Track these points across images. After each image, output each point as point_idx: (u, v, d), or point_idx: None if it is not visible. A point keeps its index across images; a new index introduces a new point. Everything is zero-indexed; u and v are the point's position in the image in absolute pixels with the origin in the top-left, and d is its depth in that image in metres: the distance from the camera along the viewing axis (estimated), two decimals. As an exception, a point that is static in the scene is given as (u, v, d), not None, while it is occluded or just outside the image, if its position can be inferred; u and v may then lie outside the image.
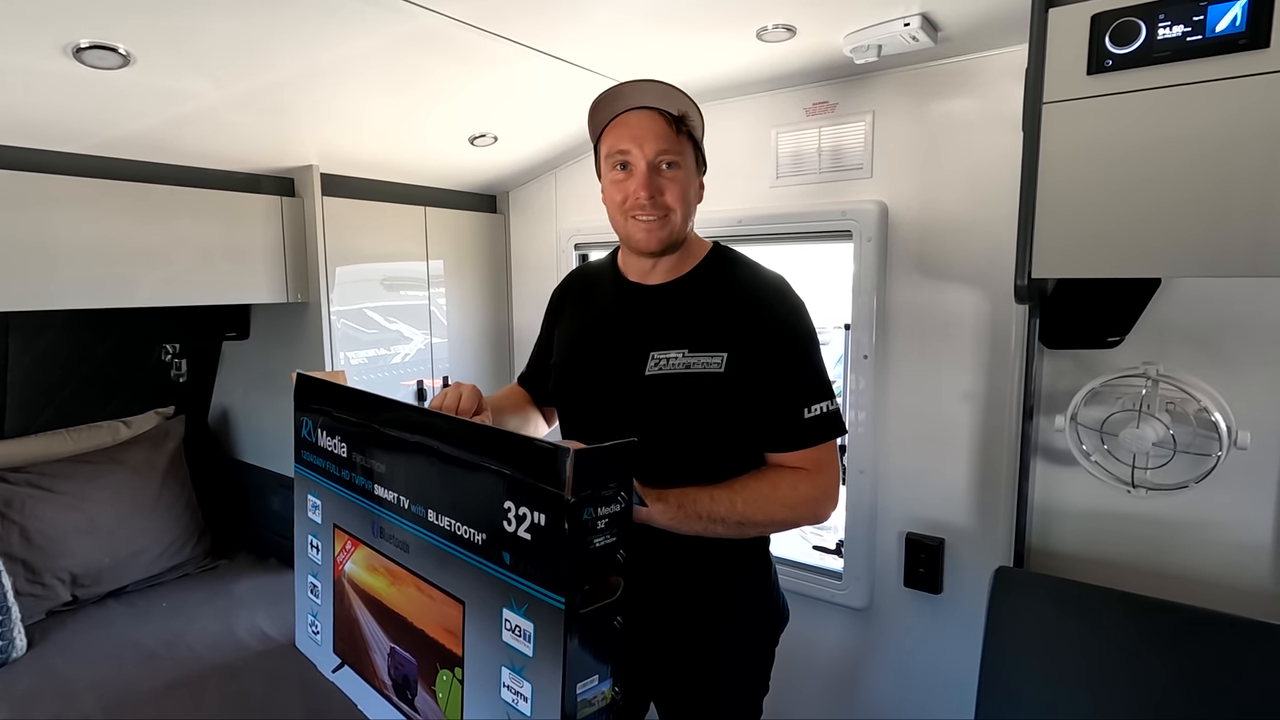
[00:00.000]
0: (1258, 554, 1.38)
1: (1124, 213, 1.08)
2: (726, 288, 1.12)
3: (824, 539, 2.09)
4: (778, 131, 1.90)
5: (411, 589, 1.01)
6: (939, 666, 1.80)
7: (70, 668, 1.64)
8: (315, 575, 1.26)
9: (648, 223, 1.08)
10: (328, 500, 1.21)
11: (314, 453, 1.22)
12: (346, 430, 1.13)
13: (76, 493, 1.99)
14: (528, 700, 0.82)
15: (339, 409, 1.16)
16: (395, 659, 1.06)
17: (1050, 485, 1.57)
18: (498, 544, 0.85)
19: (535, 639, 0.81)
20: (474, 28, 1.35)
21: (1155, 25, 1.03)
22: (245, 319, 2.27)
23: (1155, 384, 1.39)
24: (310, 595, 1.28)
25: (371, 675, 1.12)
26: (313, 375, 1.24)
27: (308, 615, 1.29)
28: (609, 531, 0.79)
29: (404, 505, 1.01)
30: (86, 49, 1.20)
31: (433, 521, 0.95)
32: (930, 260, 1.73)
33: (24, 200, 1.51)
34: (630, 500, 0.82)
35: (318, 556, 1.24)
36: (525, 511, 0.81)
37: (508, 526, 0.83)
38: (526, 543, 0.81)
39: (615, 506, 0.80)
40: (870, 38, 1.46)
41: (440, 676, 0.96)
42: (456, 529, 0.91)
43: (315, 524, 1.24)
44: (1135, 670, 1.33)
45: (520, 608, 0.82)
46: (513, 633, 0.83)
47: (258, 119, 1.64)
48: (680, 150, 1.08)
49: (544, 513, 0.79)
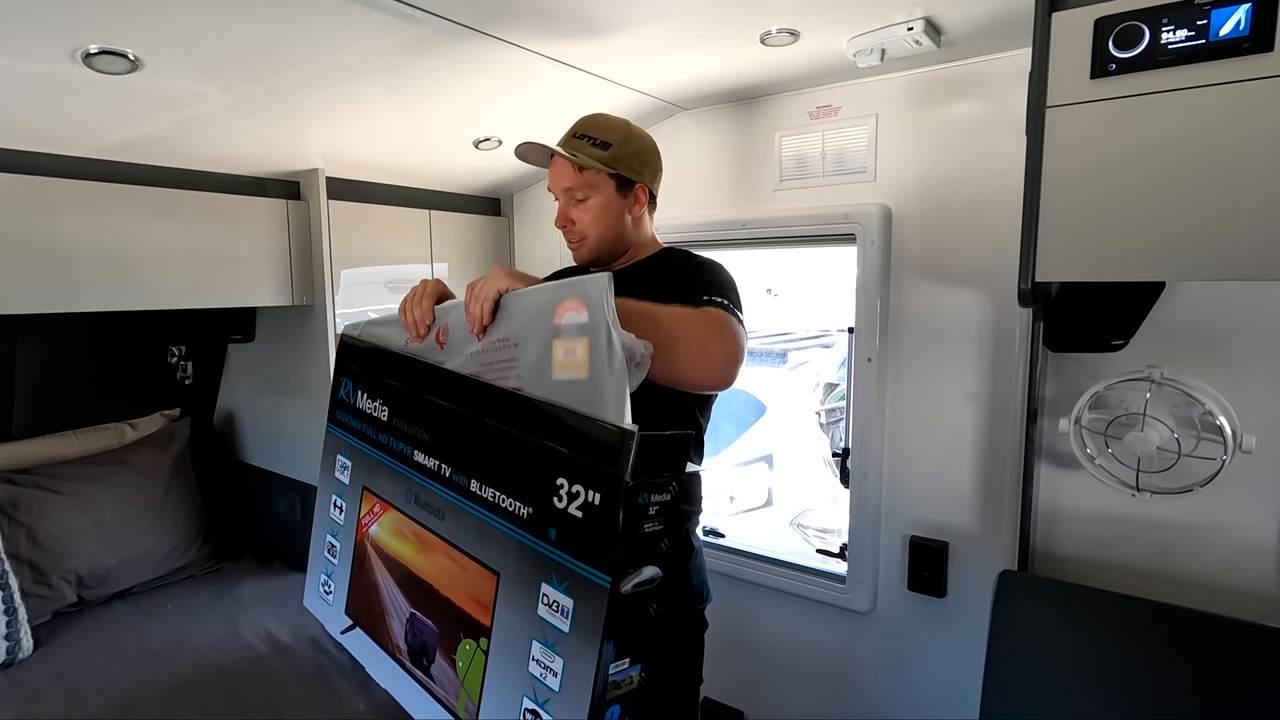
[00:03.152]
0: (1263, 558, 1.38)
1: (1128, 216, 1.08)
2: (662, 264, 1.33)
3: (827, 542, 2.09)
4: (781, 135, 1.91)
5: (442, 557, 1.02)
6: (943, 670, 1.80)
7: (76, 669, 1.65)
8: (335, 535, 1.26)
9: (572, 245, 1.31)
10: (359, 462, 1.21)
11: (351, 414, 1.23)
12: (390, 394, 1.14)
13: (83, 494, 2.00)
14: (557, 676, 0.82)
15: (385, 372, 1.17)
16: (415, 625, 1.06)
17: (1055, 489, 1.57)
18: (545, 519, 0.85)
19: (573, 616, 0.81)
20: (479, 32, 1.36)
21: (1159, 29, 1.03)
22: (251, 322, 2.28)
23: (1160, 387, 1.38)
24: (326, 555, 1.28)
25: (385, 640, 1.12)
26: (358, 338, 1.25)
27: (320, 575, 1.30)
28: (658, 518, 0.80)
29: (445, 474, 1.02)
30: (96, 54, 1.21)
31: (475, 492, 0.96)
32: (934, 263, 1.73)
33: (32, 203, 1.52)
34: (678, 492, 0.83)
35: (340, 517, 1.26)
36: (579, 489, 0.81)
37: (558, 503, 0.83)
38: (577, 520, 0.81)
39: (666, 495, 0.81)
40: (873, 41, 1.46)
41: (463, 645, 0.96)
42: (501, 501, 0.92)
43: (342, 484, 1.25)
44: (1140, 675, 1.33)
45: (562, 584, 0.83)
46: (550, 608, 0.84)
47: (264, 123, 1.65)
48: (589, 184, 1.25)
49: (600, 492, 0.79)
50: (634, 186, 1.29)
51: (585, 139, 1.26)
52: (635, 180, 1.28)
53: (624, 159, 1.26)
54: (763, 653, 2.08)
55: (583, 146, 1.25)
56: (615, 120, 1.29)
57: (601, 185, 1.26)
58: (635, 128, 1.31)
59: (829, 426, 3.14)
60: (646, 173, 1.30)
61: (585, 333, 0.87)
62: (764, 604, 2.06)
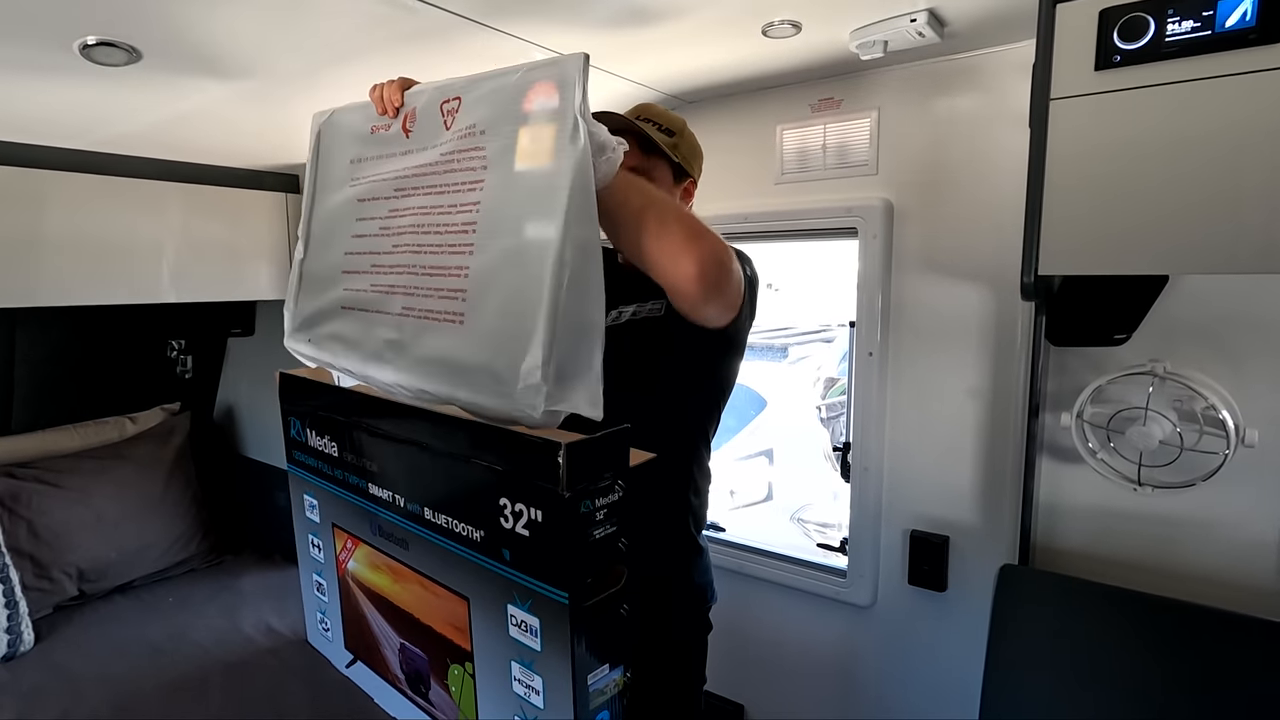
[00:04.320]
0: (1265, 552, 1.37)
1: (1132, 209, 1.08)
2: None
3: (828, 536, 2.09)
4: (783, 128, 1.90)
5: (415, 586, 1.00)
6: (943, 664, 1.80)
7: (77, 662, 1.65)
8: (320, 574, 1.25)
9: None
10: (324, 500, 1.19)
11: (305, 452, 1.20)
12: (335, 429, 1.11)
13: (83, 488, 2.00)
14: (539, 693, 0.82)
15: (325, 408, 1.14)
16: (406, 654, 1.05)
17: (1056, 483, 1.57)
18: (497, 541, 0.83)
19: (542, 634, 0.80)
20: (478, 23, 1.35)
21: (1164, 20, 1.02)
22: (250, 315, 2.28)
23: (1162, 381, 1.38)
24: (317, 593, 1.28)
25: (384, 670, 1.12)
26: (296, 374, 1.21)
27: (316, 613, 1.30)
28: (609, 521, 0.78)
29: (400, 504, 0.99)
30: (94, 46, 1.20)
31: (430, 519, 0.94)
32: (936, 257, 1.73)
33: (30, 197, 1.52)
34: (627, 489, 0.80)
35: (320, 555, 1.23)
36: (521, 508, 0.79)
37: (505, 523, 0.81)
38: (525, 539, 0.79)
39: (613, 495, 0.79)
40: (876, 34, 1.45)
41: (451, 671, 0.96)
42: (454, 526, 0.89)
43: (314, 523, 1.23)
44: (1140, 669, 1.33)
45: (524, 603, 0.81)
46: (519, 628, 0.83)
47: (262, 116, 1.64)
48: (651, 167, 1.22)
49: (540, 509, 0.77)
50: (686, 179, 1.29)
51: (651, 123, 1.23)
52: (688, 174, 1.29)
53: (683, 149, 1.27)
54: (763, 647, 2.08)
55: (650, 130, 1.22)
56: (673, 112, 1.30)
57: (662, 171, 1.25)
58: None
59: (830, 421, 3.14)
60: (696, 168, 1.31)
61: (554, 119, 0.80)
62: (765, 598, 2.07)
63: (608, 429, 0.77)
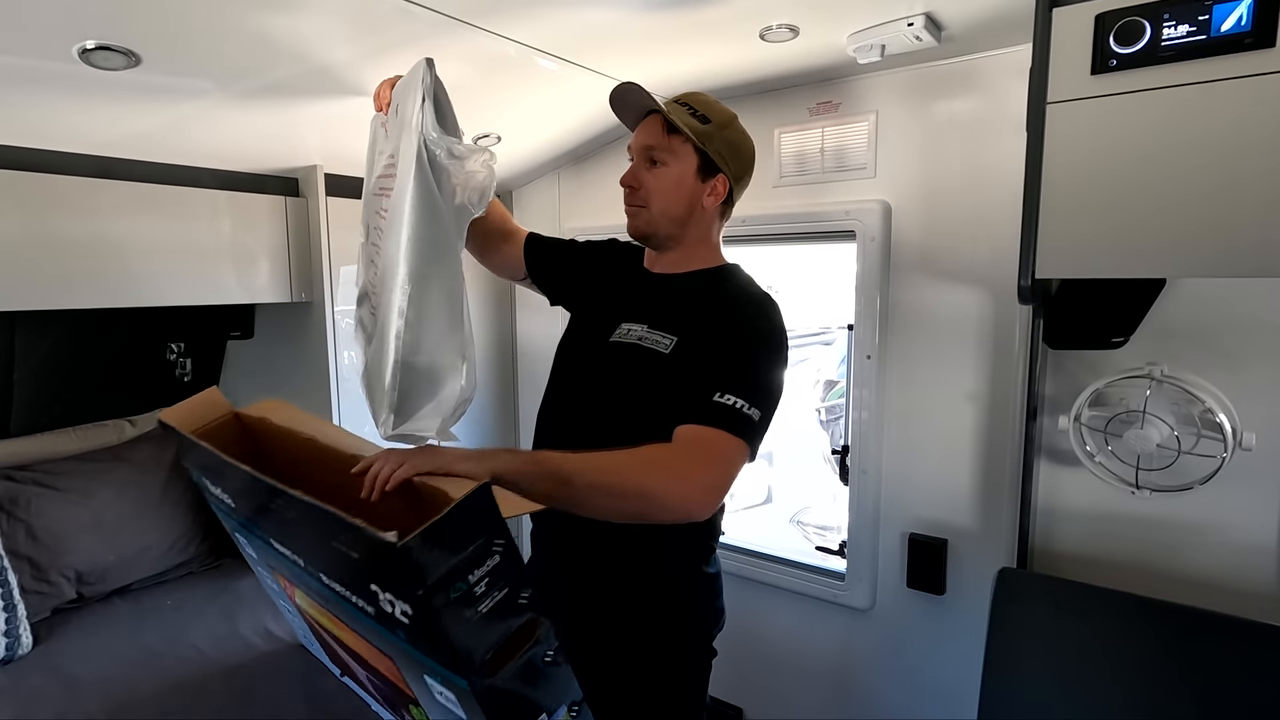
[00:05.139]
0: (1262, 556, 1.37)
1: (1129, 212, 1.08)
2: (711, 290, 1.20)
3: (827, 539, 2.09)
4: (781, 132, 1.90)
5: (352, 633, 0.93)
6: (941, 667, 1.80)
7: (76, 665, 1.65)
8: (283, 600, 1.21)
9: (630, 209, 1.21)
10: (250, 542, 1.11)
11: (215, 501, 1.10)
12: (227, 486, 0.99)
13: (82, 491, 1.99)
14: None
15: (205, 471, 1.03)
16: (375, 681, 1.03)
17: (1054, 486, 1.57)
18: (386, 621, 0.74)
19: (460, 704, 0.74)
20: (476, 28, 1.35)
21: (1160, 25, 1.03)
22: (250, 318, 2.28)
23: (1160, 385, 1.38)
24: (292, 619, 1.26)
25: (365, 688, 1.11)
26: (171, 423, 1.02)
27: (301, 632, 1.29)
28: (494, 589, 0.68)
29: (301, 564, 0.90)
30: (94, 50, 1.20)
31: (328, 585, 0.84)
32: (933, 260, 1.73)
33: (30, 200, 1.52)
34: (508, 543, 0.70)
35: (274, 584, 1.18)
36: (390, 599, 0.70)
37: (386, 608, 0.72)
38: (407, 625, 0.70)
39: (492, 559, 0.68)
40: (873, 37, 1.45)
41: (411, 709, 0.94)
42: (350, 596, 0.80)
43: (253, 558, 1.18)
44: (1138, 672, 1.33)
45: (435, 678, 0.75)
46: (441, 696, 0.77)
47: (262, 120, 1.64)
48: (671, 149, 1.16)
49: (406, 604, 0.68)
50: (716, 174, 1.19)
51: (686, 107, 1.17)
52: (720, 169, 1.19)
53: (716, 141, 1.17)
54: (762, 649, 2.08)
55: (680, 113, 1.16)
56: (724, 107, 1.21)
57: (684, 157, 1.17)
58: (740, 124, 1.23)
59: (829, 424, 3.14)
60: (734, 167, 1.20)
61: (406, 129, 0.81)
62: (764, 601, 2.07)
63: (466, 493, 0.66)
